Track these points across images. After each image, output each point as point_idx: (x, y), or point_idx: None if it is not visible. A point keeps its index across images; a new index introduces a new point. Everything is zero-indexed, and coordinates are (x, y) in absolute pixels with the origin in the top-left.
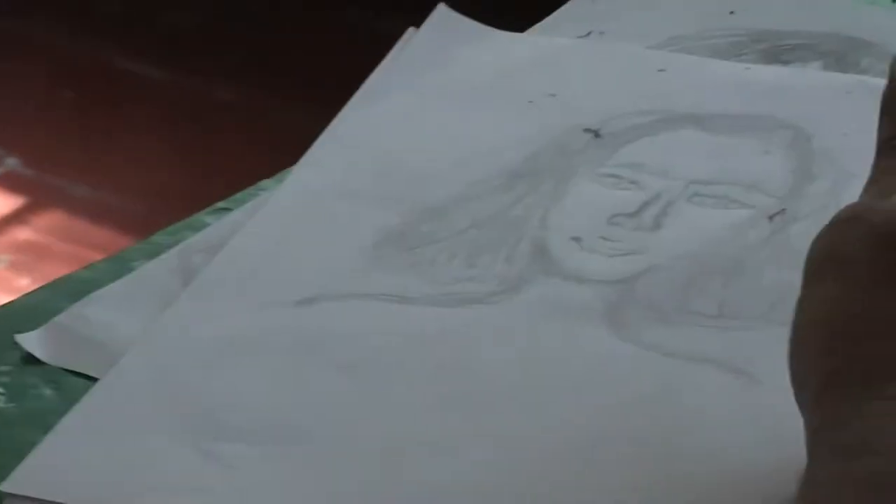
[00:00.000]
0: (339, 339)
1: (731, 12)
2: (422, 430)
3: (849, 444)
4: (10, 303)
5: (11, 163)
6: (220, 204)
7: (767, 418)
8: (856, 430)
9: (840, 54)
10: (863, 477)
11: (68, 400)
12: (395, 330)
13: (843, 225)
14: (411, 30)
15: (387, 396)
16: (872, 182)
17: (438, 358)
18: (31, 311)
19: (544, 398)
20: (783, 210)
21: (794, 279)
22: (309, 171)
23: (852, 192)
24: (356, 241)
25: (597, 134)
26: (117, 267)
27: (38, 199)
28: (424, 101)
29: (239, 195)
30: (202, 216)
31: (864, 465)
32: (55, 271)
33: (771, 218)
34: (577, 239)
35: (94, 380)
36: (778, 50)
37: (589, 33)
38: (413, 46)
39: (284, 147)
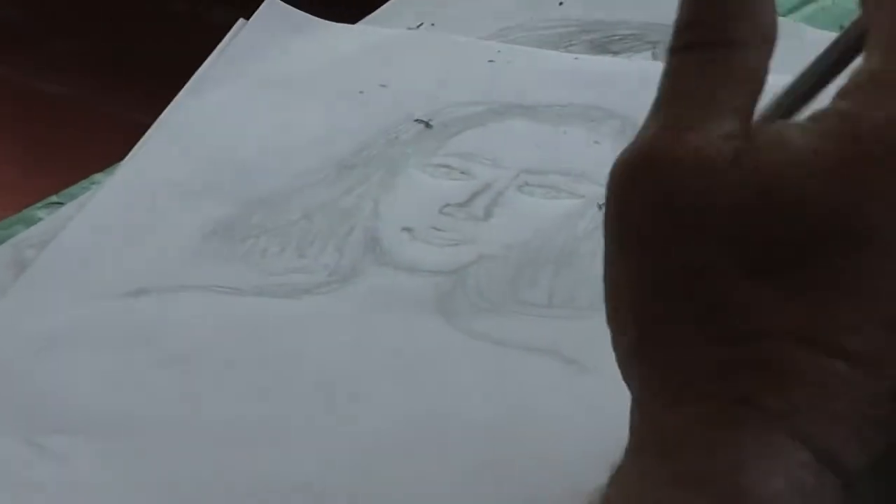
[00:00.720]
0: (170, 330)
1: (560, 3)
2: (253, 420)
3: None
4: None
5: None
6: (53, 198)
7: (597, 406)
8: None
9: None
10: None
11: None
12: (226, 321)
13: (626, 179)
14: (241, 21)
15: (218, 388)
16: (662, 102)
17: (269, 349)
18: None
19: (375, 387)
20: None
21: None
22: (139, 163)
23: None
24: (186, 233)
25: (427, 124)
26: None
27: None
28: (254, 92)
29: (71, 189)
30: (34, 210)
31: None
32: None
33: (600, 207)
34: (408, 229)
35: None
36: (607, 40)
37: (420, 25)
38: (243, 38)
39: (115, 140)
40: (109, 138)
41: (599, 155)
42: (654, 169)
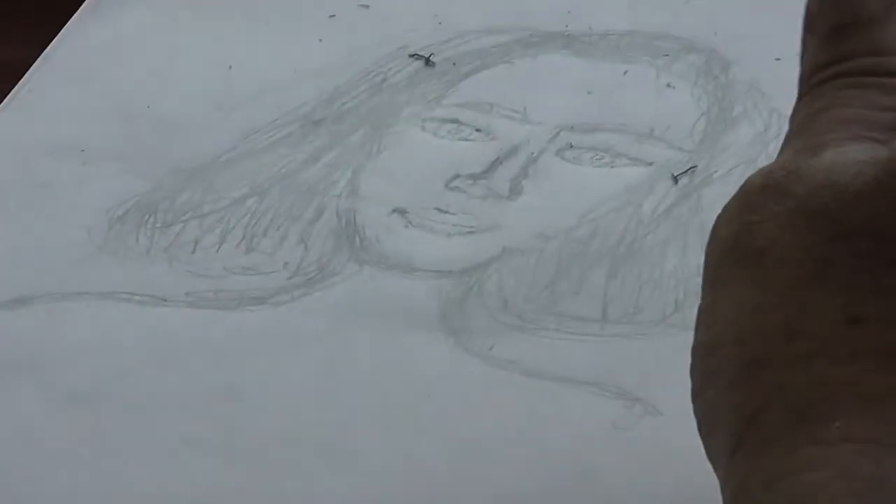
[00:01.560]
0: (62, 354)
1: None
2: (182, 489)
3: None
4: None
5: None
6: None
7: (668, 460)
8: (787, 492)
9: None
10: None
11: None
12: (142, 343)
13: (757, 197)
14: None
15: (133, 440)
16: (794, 133)
17: (206, 383)
18: None
19: (358, 438)
20: (692, 168)
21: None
22: (15, 116)
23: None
24: (84, 217)
25: (428, 61)
26: None
27: None
28: (177, 15)
29: None
30: None
31: None
32: None
33: (675, 179)
34: (401, 211)
35: None
36: None
37: None
38: None
39: None
40: None
41: (673, 104)
42: (793, 185)
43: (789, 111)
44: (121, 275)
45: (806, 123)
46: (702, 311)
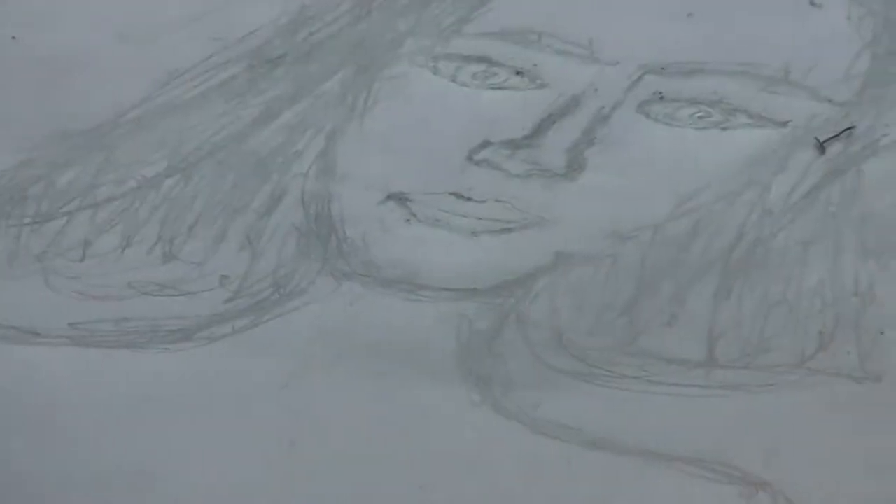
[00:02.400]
0: None
1: None
2: None
3: None
4: None
5: None
6: None
7: None
8: None
9: None
10: None
11: None
12: (5, 396)
13: None
14: None
15: None
16: None
17: (95, 464)
18: None
19: None
20: (849, 129)
21: (868, 278)
22: None
23: None
24: None
25: None
26: None
27: None
28: None
29: None
30: None
31: None
32: None
33: (821, 146)
34: (401, 198)
35: None
36: None
37: None
38: None
39: None
40: None
41: (819, 31)
42: None
43: None
44: None
45: None
46: None
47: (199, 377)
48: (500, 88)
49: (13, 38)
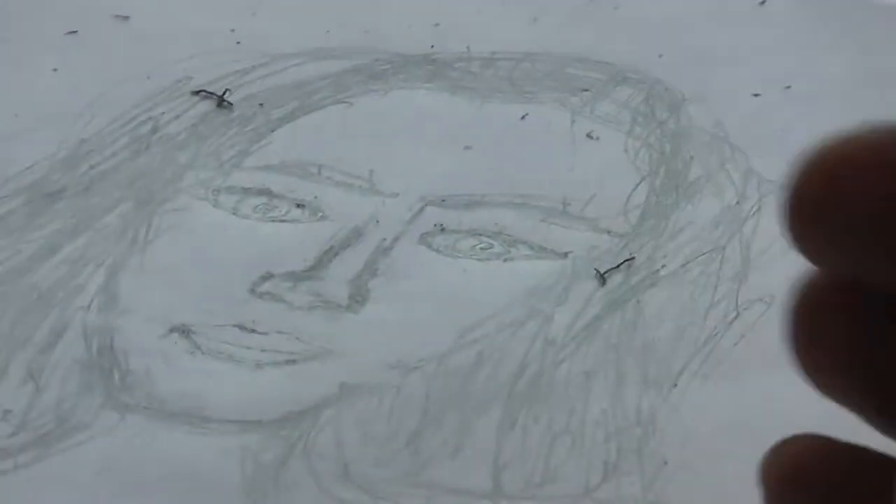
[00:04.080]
0: None
1: None
2: None
3: None
4: None
5: None
6: None
7: None
8: None
9: None
10: None
11: None
12: None
13: None
14: None
15: None
16: None
17: None
18: None
19: None
20: (628, 260)
21: (649, 408)
22: None
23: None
24: None
25: (221, 100)
26: None
27: None
28: None
29: None
30: None
31: None
32: None
33: (602, 277)
34: (184, 331)
35: None
36: None
37: None
38: None
39: None
40: None
41: (598, 164)
42: None
43: (773, 173)
44: None
45: None
46: None
47: None
48: (281, 221)
49: None
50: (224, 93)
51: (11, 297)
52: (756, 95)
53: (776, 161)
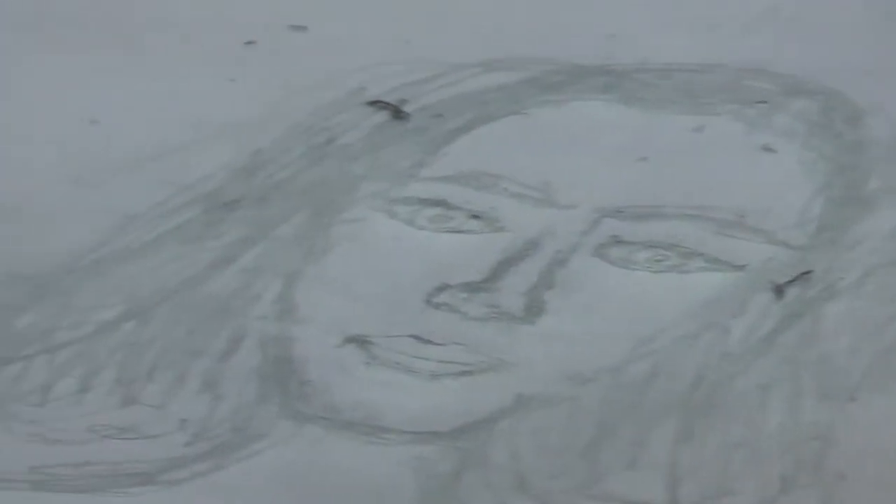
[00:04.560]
0: None
1: None
2: None
3: None
4: None
5: None
6: None
7: None
8: None
9: None
10: None
11: None
12: None
13: None
14: None
15: None
16: None
17: None
18: None
19: None
20: (806, 273)
21: (828, 421)
22: None
23: None
24: None
25: (397, 111)
26: None
27: None
28: (9, 44)
29: None
30: None
31: None
32: None
33: (779, 290)
34: (361, 341)
35: None
36: None
37: None
38: None
39: None
40: None
41: (775, 176)
42: None
43: None
44: None
45: None
46: None
47: None
48: (457, 231)
49: None
50: (400, 103)
51: (188, 306)
52: None
53: None
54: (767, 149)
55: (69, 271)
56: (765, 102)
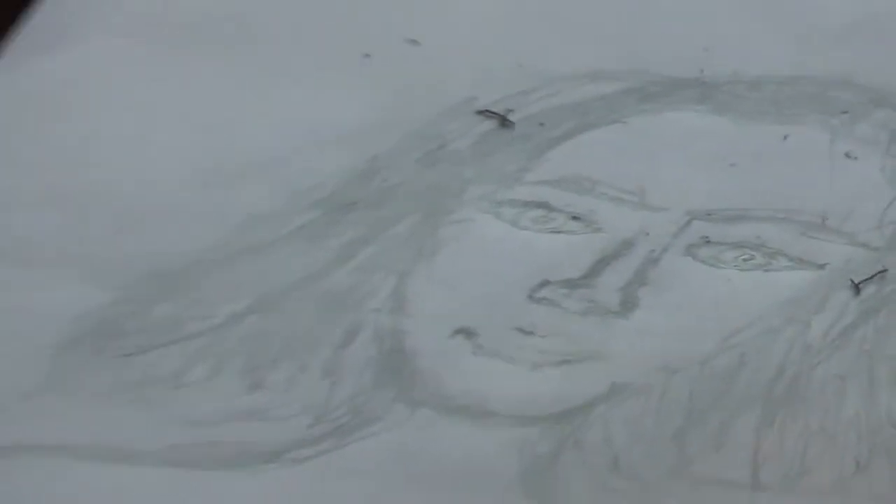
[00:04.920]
0: None
1: None
2: None
3: None
4: None
5: None
6: None
7: None
8: None
9: None
10: None
11: None
12: None
13: None
14: None
15: None
16: None
17: None
18: None
19: None
20: (882, 272)
21: None
22: None
23: None
24: (23, 341)
25: (504, 120)
26: None
27: None
28: (142, 55)
29: None
30: None
31: None
32: None
33: (857, 288)
34: (468, 333)
35: None
36: None
37: None
38: None
39: None
40: None
41: (855, 182)
42: None
43: None
44: (73, 420)
45: None
46: None
47: (285, 497)
48: (557, 232)
49: (103, 188)
50: (506, 112)
51: (309, 301)
52: None
53: None
54: (850, 156)
55: (199, 267)
56: (847, 113)
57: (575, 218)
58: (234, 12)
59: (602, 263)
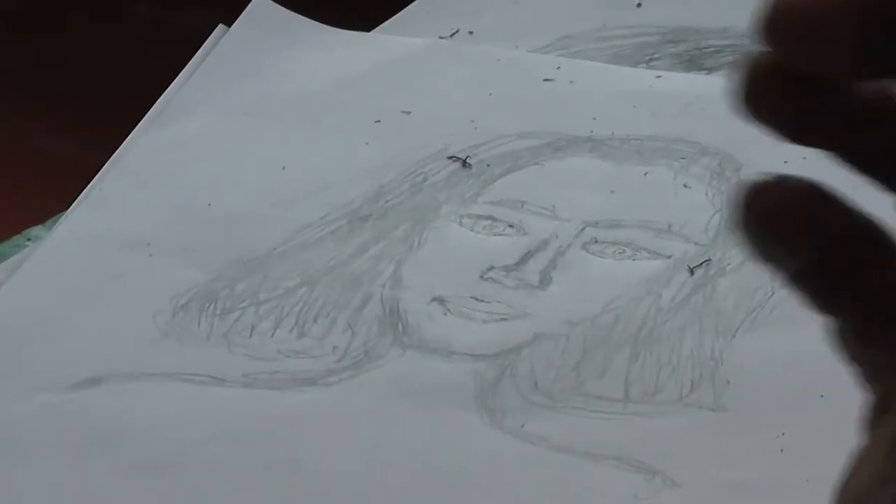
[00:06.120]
0: (132, 430)
1: (639, 4)
2: None
3: None
4: None
5: None
6: None
7: None
8: None
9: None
10: None
11: None
12: (205, 420)
13: None
14: (221, 27)
15: None
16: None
17: (262, 456)
18: None
19: None
20: (707, 261)
21: (719, 349)
22: (88, 214)
23: None
24: (150, 305)
25: (465, 163)
26: None
27: None
28: (237, 121)
29: (1, 246)
30: None
31: None
32: None
33: (691, 271)
34: (440, 300)
35: None
36: (698, 53)
37: (454, 32)
38: (223, 49)
39: (57, 184)
40: (49, 182)
41: (689, 202)
42: None
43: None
44: (184, 358)
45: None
46: None
47: (320, 408)
48: (499, 235)
49: (209, 204)
50: (466, 158)
51: (338, 279)
52: (785, 163)
53: None
54: (686, 186)
55: (268, 257)
56: (685, 159)
57: (511, 226)
58: (298, 92)
59: (528, 255)
